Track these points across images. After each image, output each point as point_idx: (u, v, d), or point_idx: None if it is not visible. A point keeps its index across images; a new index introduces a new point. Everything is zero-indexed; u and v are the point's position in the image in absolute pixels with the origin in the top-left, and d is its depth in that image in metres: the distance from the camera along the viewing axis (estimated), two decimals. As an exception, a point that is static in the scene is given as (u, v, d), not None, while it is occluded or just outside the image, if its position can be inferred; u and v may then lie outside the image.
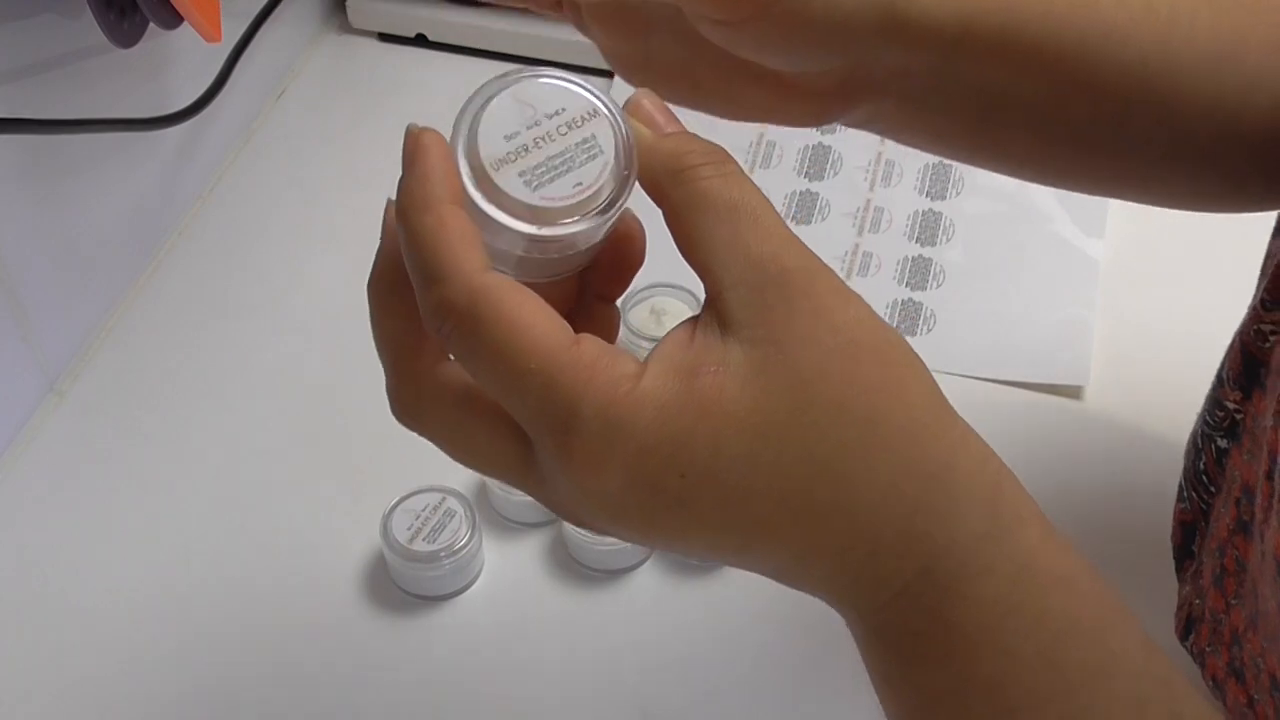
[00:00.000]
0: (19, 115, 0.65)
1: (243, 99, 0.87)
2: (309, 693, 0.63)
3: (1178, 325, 0.76)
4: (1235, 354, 0.52)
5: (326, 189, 0.86)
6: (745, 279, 0.35)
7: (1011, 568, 0.37)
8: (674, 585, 0.67)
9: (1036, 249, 0.81)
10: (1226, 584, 0.50)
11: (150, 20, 0.69)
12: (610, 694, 0.63)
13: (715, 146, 0.38)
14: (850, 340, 0.35)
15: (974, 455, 0.38)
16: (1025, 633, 0.36)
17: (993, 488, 0.37)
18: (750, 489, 0.35)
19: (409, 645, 0.65)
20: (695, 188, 0.37)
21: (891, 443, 0.36)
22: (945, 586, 0.36)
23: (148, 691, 0.63)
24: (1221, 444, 0.53)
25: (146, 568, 0.67)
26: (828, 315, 0.35)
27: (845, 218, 0.83)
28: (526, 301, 0.35)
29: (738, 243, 0.36)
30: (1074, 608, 0.37)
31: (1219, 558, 0.51)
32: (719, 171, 0.37)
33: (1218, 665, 0.50)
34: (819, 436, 0.35)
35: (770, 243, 0.36)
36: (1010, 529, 0.37)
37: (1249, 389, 0.51)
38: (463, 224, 0.36)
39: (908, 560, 0.36)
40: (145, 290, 0.80)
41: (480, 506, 0.68)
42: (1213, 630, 0.51)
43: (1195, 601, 0.54)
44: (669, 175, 0.37)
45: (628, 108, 0.39)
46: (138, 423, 0.73)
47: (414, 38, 0.95)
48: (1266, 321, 0.49)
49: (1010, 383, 0.75)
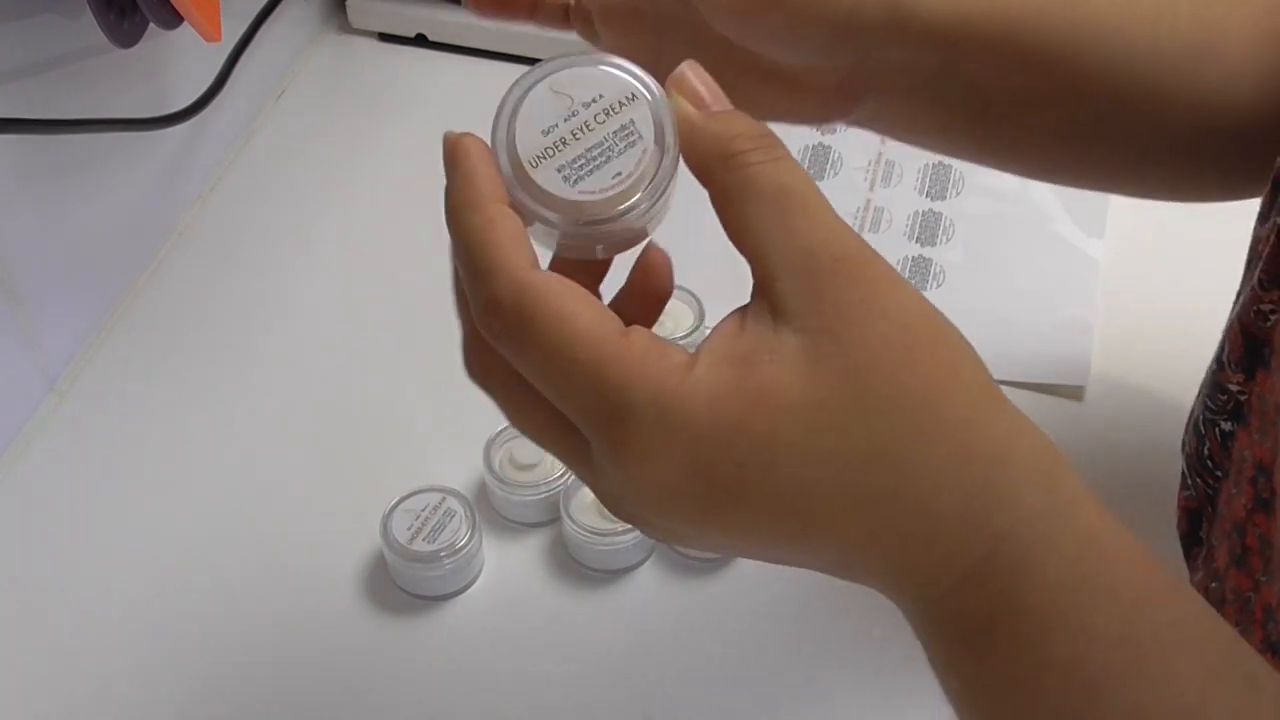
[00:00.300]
0: (19, 115, 0.65)
1: (243, 99, 0.87)
2: (309, 693, 0.63)
3: (1178, 325, 0.76)
4: (1235, 336, 0.52)
5: (326, 189, 0.86)
6: (796, 267, 0.35)
7: (1075, 546, 0.36)
8: (674, 585, 0.67)
9: (1036, 249, 0.81)
10: (1251, 562, 0.50)
11: (150, 20, 0.69)
12: (610, 694, 0.63)
13: (764, 129, 0.37)
14: (903, 327, 0.35)
15: (1029, 440, 0.38)
16: (1097, 609, 0.36)
17: (1049, 470, 0.37)
18: (808, 478, 0.35)
19: (409, 645, 0.65)
20: (744, 174, 0.36)
21: (948, 429, 0.36)
22: (1011, 569, 0.36)
23: (148, 691, 0.63)
24: (1226, 427, 0.53)
25: (146, 567, 0.67)
26: (880, 303, 0.35)
27: (845, 218, 0.82)
28: (574, 295, 0.36)
29: (788, 230, 0.36)
30: (1140, 580, 0.37)
31: (1239, 538, 0.51)
32: (769, 156, 0.37)
33: (1251, 644, 0.50)
34: (875, 425, 0.35)
35: (821, 230, 0.36)
36: (1070, 507, 0.37)
37: (1252, 369, 0.51)
38: (509, 222, 0.36)
39: (971, 544, 0.36)
40: (145, 290, 0.80)
41: (480, 506, 0.68)
42: (1240, 611, 0.51)
43: (1211, 585, 0.54)
44: (717, 160, 0.37)
45: (672, 82, 0.38)
46: (138, 423, 0.73)
47: (414, 38, 0.95)
48: (1266, 301, 0.50)
49: (1010, 383, 0.75)
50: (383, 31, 0.95)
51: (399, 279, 0.80)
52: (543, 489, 0.67)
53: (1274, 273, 0.49)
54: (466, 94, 0.93)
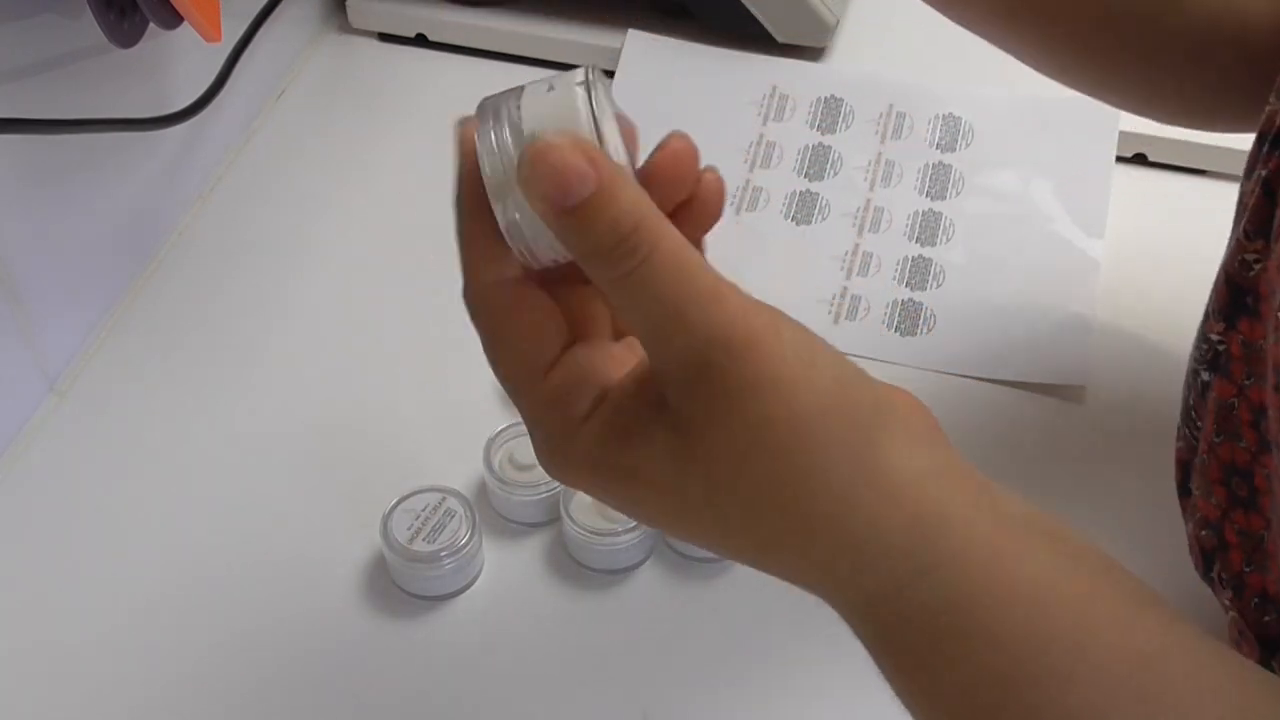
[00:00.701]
0: (19, 115, 0.65)
1: (243, 99, 0.87)
2: (309, 693, 0.63)
3: (1178, 325, 0.76)
4: (1220, 287, 0.53)
5: (326, 189, 0.86)
6: (679, 361, 0.37)
7: (936, 609, 0.38)
8: (674, 585, 0.67)
9: (1036, 249, 0.81)
10: (1263, 503, 0.51)
11: (150, 20, 0.69)
12: (610, 694, 0.63)
13: (653, 218, 0.37)
14: (757, 441, 0.37)
15: (903, 506, 0.38)
16: (965, 657, 0.38)
17: (915, 547, 0.38)
18: (682, 533, 0.41)
19: (409, 645, 0.65)
20: (637, 270, 0.37)
21: (798, 531, 0.38)
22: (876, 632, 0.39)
23: (147, 691, 0.63)
24: (1205, 377, 0.54)
25: (146, 567, 0.67)
26: (744, 411, 0.37)
27: (845, 218, 0.83)
28: (511, 319, 0.39)
29: (675, 324, 0.36)
30: (1018, 627, 0.38)
31: (1243, 481, 0.52)
32: (666, 244, 0.37)
33: (1267, 581, 0.51)
34: (731, 524, 0.39)
35: (703, 328, 0.36)
36: (937, 571, 0.38)
37: (1234, 319, 0.52)
38: (487, 225, 0.39)
39: (845, 608, 0.40)
40: (145, 290, 0.80)
41: (480, 506, 0.68)
42: (1251, 550, 0.52)
43: (1203, 533, 0.55)
44: (611, 246, 0.37)
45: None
46: (138, 423, 0.73)
47: (414, 38, 0.95)
48: (1250, 251, 0.51)
49: (1010, 383, 0.75)
50: (383, 31, 0.95)
51: (399, 279, 0.80)
52: (543, 489, 0.67)
53: (1259, 223, 0.50)
54: (466, 94, 0.92)
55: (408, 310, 0.78)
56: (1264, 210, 0.50)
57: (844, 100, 0.88)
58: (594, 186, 0.36)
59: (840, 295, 0.79)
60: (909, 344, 0.77)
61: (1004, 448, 0.72)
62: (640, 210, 0.36)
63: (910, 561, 0.37)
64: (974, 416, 0.73)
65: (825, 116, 0.88)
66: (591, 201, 0.36)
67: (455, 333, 0.43)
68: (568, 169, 0.36)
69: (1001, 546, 0.38)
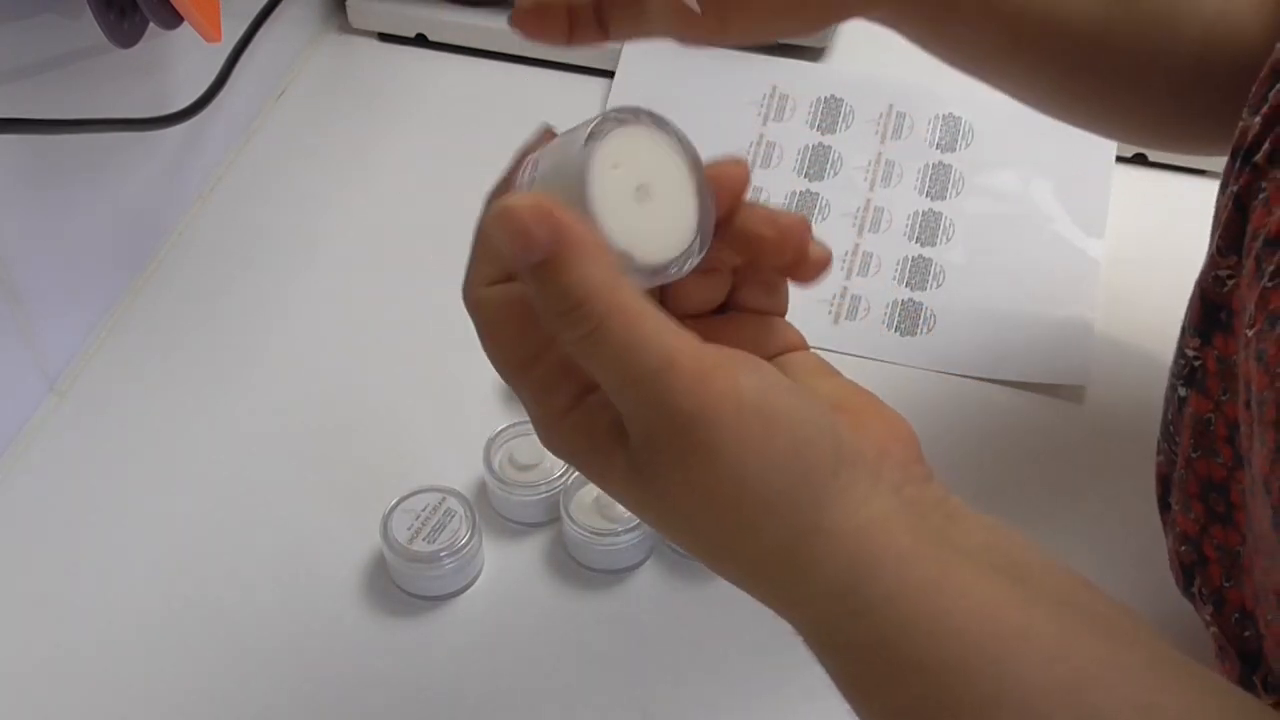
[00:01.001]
0: (19, 115, 0.65)
1: (243, 99, 0.87)
2: (309, 693, 0.63)
3: (1177, 325, 0.76)
4: (1195, 302, 0.54)
5: (326, 188, 0.86)
6: (631, 419, 0.39)
7: (862, 647, 0.40)
8: (674, 585, 0.67)
9: (1036, 249, 0.81)
10: (1237, 519, 0.52)
11: (150, 20, 0.69)
12: (610, 694, 0.63)
13: (604, 292, 0.38)
14: (703, 502, 0.39)
15: (838, 556, 0.40)
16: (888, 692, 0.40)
17: (861, 576, 0.40)
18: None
19: (409, 645, 0.65)
20: (587, 339, 0.38)
21: (743, 569, 0.42)
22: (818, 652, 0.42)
23: (147, 690, 0.63)
24: (1182, 392, 0.54)
25: (146, 567, 0.67)
26: (691, 476, 0.39)
27: (845, 218, 0.83)
28: (506, 317, 0.41)
29: (626, 392, 0.38)
30: (936, 661, 0.39)
31: (1220, 497, 0.52)
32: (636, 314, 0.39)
33: (1243, 596, 0.51)
34: (683, 545, 0.42)
35: (653, 400, 0.38)
36: (862, 616, 0.40)
37: (1208, 334, 0.53)
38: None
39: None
40: (145, 290, 0.80)
41: (480, 506, 0.68)
42: (1229, 566, 0.52)
43: (1182, 549, 0.55)
44: (561, 312, 0.38)
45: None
46: (138, 423, 0.73)
47: (414, 38, 0.95)
48: (1223, 267, 0.52)
49: (1010, 383, 0.75)
50: (383, 31, 0.95)
51: (399, 279, 0.80)
52: (543, 489, 0.67)
53: (1230, 239, 0.51)
54: (466, 94, 0.93)
55: (408, 310, 0.78)
56: (1235, 225, 0.50)
57: (844, 100, 0.88)
58: (543, 255, 0.37)
59: (840, 295, 0.79)
60: (909, 344, 0.77)
61: (1004, 447, 0.72)
62: (589, 284, 0.37)
63: (844, 604, 0.40)
64: (974, 416, 0.73)
65: (825, 116, 0.88)
66: (543, 268, 0.37)
67: (455, 332, 0.43)
68: (518, 235, 0.37)
69: (943, 585, 0.39)
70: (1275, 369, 0.43)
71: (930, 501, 0.42)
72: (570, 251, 0.37)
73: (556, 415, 0.41)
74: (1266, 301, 0.46)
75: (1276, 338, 0.44)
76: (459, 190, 0.54)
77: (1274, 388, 0.43)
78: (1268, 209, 0.48)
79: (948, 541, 0.41)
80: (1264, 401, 0.44)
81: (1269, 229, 0.47)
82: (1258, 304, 0.46)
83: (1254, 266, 0.48)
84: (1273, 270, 0.46)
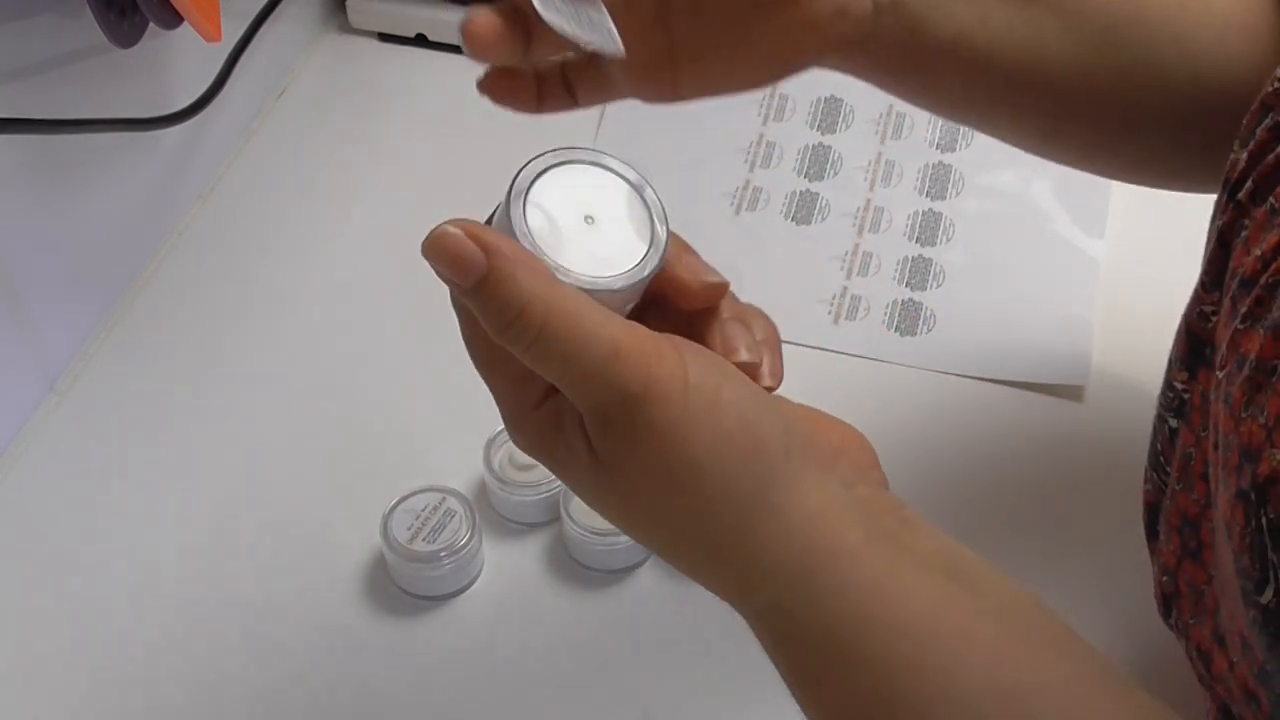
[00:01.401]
0: (19, 115, 0.65)
1: (243, 99, 0.87)
2: (309, 692, 0.63)
3: (1177, 325, 0.76)
4: (1181, 336, 0.53)
5: (326, 188, 0.86)
6: (587, 409, 0.40)
7: (818, 634, 0.41)
8: (674, 585, 0.67)
9: (1036, 249, 0.81)
10: (1205, 557, 0.51)
11: (150, 20, 0.69)
12: (610, 694, 0.63)
13: (539, 300, 0.40)
14: (658, 478, 0.40)
15: (794, 537, 0.41)
16: (838, 678, 0.41)
17: (799, 573, 0.41)
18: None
19: (409, 645, 0.65)
20: (534, 345, 0.40)
21: (697, 552, 0.42)
22: (769, 637, 0.43)
23: (147, 690, 0.63)
24: (1173, 424, 0.54)
25: (146, 567, 0.67)
26: (646, 454, 0.40)
27: (845, 218, 0.83)
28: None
29: (578, 387, 0.40)
30: (887, 653, 0.40)
31: (1193, 533, 0.52)
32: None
33: (1203, 635, 0.51)
34: (641, 535, 0.43)
35: (602, 387, 0.39)
36: (821, 599, 0.41)
37: (1195, 369, 0.52)
38: None
39: (742, 610, 0.43)
40: (145, 290, 0.80)
41: (480, 506, 0.68)
42: (1195, 603, 0.52)
43: (1164, 579, 0.54)
44: (505, 325, 0.40)
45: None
46: (138, 423, 0.73)
47: (414, 38, 0.95)
48: (1207, 302, 0.51)
49: (1010, 383, 0.75)
50: (383, 31, 0.95)
51: (399, 279, 0.80)
52: (543, 489, 0.67)
53: (1214, 274, 0.50)
54: (466, 94, 0.92)
55: (407, 310, 0.78)
56: (1219, 261, 0.50)
57: (844, 100, 0.88)
58: (480, 274, 0.39)
59: (840, 295, 0.79)
60: (909, 344, 0.77)
61: (1003, 448, 0.72)
62: (524, 294, 0.39)
63: (798, 589, 0.41)
64: (974, 416, 0.73)
65: (825, 116, 0.88)
66: (480, 287, 0.39)
67: (455, 333, 0.44)
68: (455, 256, 0.39)
69: (891, 581, 0.41)
70: (1239, 413, 0.43)
71: (883, 504, 0.43)
72: (502, 264, 0.39)
73: (526, 410, 0.43)
74: (1237, 344, 0.45)
75: (1243, 381, 0.44)
76: (459, 190, 0.54)
77: (1238, 432, 0.43)
78: (1246, 248, 0.47)
79: (899, 543, 0.42)
80: (1229, 446, 0.44)
81: (1245, 269, 0.46)
82: (1229, 345, 0.46)
83: (1230, 306, 0.47)
84: (1244, 312, 0.45)
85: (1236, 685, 0.47)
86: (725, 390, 0.41)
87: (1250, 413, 0.42)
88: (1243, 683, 0.47)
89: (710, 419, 0.40)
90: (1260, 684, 0.45)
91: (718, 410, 0.40)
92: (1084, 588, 0.65)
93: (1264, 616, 0.42)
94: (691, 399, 0.40)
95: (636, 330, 0.40)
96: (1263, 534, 0.41)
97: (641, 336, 0.40)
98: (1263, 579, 0.41)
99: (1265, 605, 0.41)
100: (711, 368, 0.41)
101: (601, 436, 0.41)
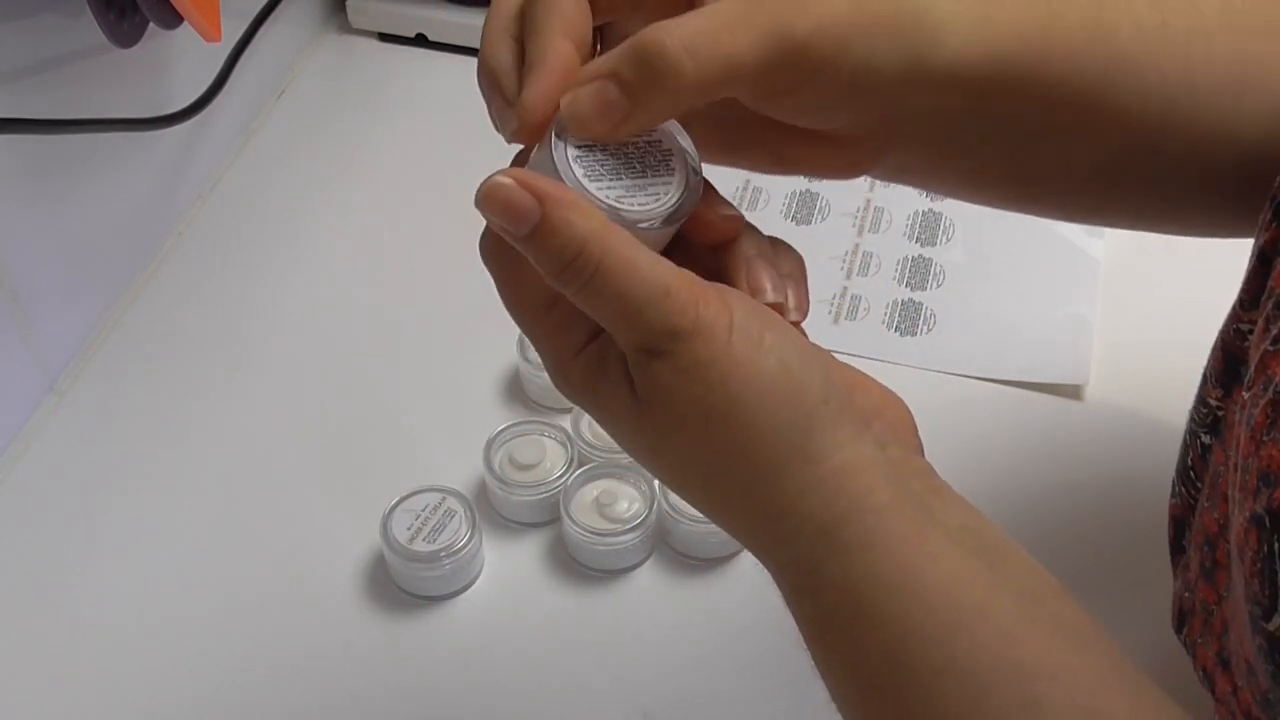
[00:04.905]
0: (19, 115, 0.65)
1: (243, 99, 0.87)
2: (309, 693, 0.63)
3: (1178, 325, 0.76)
4: (1217, 352, 0.52)
5: (326, 188, 0.86)
6: (633, 347, 0.41)
7: (838, 587, 0.41)
8: (674, 585, 0.67)
9: (1037, 249, 0.81)
10: (1219, 577, 0.51)
11: (150, 20, 0.69)
12: (610, 693, 0.63)
13: (594, 240, 0.40)
14: (698, 415, 0.41)
15: (810, 501, 0.42)
16: (855, 641, 0.41)
17: (829, 525, 0.41)
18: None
19: (409, 645, 0.65)
20: (588, 285, 0.41)
21: (731, 496, 0.43)
22: (790, 594, 0.43)
23: (147, 691, 0.63)
24: (1205, 440, 0.53)
25: (146, 568, 0.67)
26: (688, 389, 0.41)
27: (845, 218, 0.83)
28: (522, 264, 0.42)
29: (628, 322, 0.41)
30: (906, 617, 0.40)
31: (1209, 551, 0.51)
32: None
33: (1208, 656, 0.51)
34: (677, 476, 0.44)
35: (651, 322, 0.40)
36: (846, 554, 0.41)
37: (1229, 386, 0.51)
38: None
39: (767, 563, 0.44)
40: (145, 290, 0.80)
41: (480, 506, 0.68)
42: (1204, 622, 0.52)
43: (1185, 595, 0.54)
44: (561, 268, 0.41)
45: None
46: (138, 423, 0.73)
47: (414, 38, 0.95)
48: (1245, 321, 0.50)
49: (1010, 383, 0.75)
50: (383, 31, 0.95)
51: (399, 278, 0.80)
52: (543, 489, 0.67)
53: (1254, 293, 0.49)
54: (466, 94, 0.92)
55: (408, 310, 0.78)
56: (1259, 279, 0.49)
57: (844, 100, 0.88)
58: (536, 220, 0.40)
59: (840, 295, 0.79)
60: (909, 344, 0.77)
61: (1004, 447, 0.72)
62: (580, 238, 0.40)
63: (824, 540, 0.41)
64: (974, 416, 0.74)
65: (825, 116, 0.88)
66: (536, 233, 0.40)
67: (456, 332, 0.44)
68: (509, 206, 0.40)
69: (915, 545, 0.41)
70: (1261, 436, 0.43)
71: (915, 469, 0.43)
72: (556, 210, 0.40)
73: (571, 353, 0.44)
74: (1265, 366, 0.44)
75: (1266, 404, 0.43)
76: (459, 190, 0.54)
77: (1258, 455, 0.42)
78: None
79: (927, 509, 0.42)
80: (1247, 469, 0.43)
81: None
82: (1258, 366, 0.45)
83: (1263, 326, 0.46)
84: (1276, 334, 0.44)
85: (1240, 710, 0.47)
86: (769, 336, 0.41)
87: (1272, 436, 0.42)
88: (1246, 709, 0.46)
89: (751, 359, 0.41)
90: (1264, 711, 0.44)
91: (759, 351, 0.41)
92: (1083, 588, 0.65)
93: (1270, 644, 0.41)
94: (735, 339, 0.41)
95: (686, 274, 0.41)
96: (1274, 560, 0.40)
97: (691, 279, 0.41)
98: (1271, 606, 0.41)
99: (1272, 632, 0.41)
100: (756, 313, 0.42)
101: (643, 372, 0.41)
